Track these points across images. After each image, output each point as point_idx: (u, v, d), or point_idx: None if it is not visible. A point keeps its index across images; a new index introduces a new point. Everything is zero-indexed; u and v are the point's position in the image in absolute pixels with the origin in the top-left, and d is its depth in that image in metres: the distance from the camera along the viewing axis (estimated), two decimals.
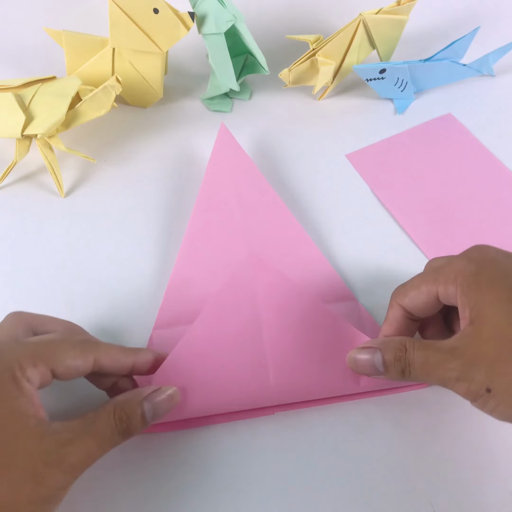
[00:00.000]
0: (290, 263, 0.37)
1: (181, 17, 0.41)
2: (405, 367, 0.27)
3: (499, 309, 0.25)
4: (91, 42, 0.45)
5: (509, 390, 0.24)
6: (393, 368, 0.28)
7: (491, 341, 0.25)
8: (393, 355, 0.28)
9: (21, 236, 0.41)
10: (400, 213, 0.41)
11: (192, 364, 0.31)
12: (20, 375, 0.24)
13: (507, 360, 0.24)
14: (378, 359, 0.28)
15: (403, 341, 0.28)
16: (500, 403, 0.24)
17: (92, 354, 0.27)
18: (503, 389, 0.24)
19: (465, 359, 0.25)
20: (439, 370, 0.26)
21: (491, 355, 0.24)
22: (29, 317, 0.30)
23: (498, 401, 0.24)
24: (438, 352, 0.26)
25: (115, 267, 0.39)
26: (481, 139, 0.46)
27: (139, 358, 0.29)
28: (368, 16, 0.45)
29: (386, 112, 0.49)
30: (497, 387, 0.24)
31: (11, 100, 0.40)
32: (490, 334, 0.25)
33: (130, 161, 0.46)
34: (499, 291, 0.25)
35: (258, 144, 0.47)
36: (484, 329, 0.25)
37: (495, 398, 0.24)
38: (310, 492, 0.29)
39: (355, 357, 0.30)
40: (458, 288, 0.27)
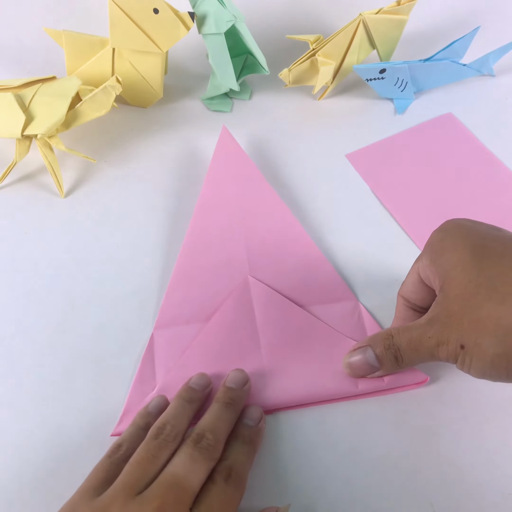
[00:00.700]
0: (291, 263, 0.37)
1: (181, 17, 0.41)
2: (396, 353, 0.28)
3: (461, 269, 0.26)
4: (91, 42, 0.45)
5: (478, 342, 0.24)
6: (386, 358, 0.28)
7: (457, 300, 0.25)
8: (382, 345, 0.28)
9: (21, 236, 0.41)
10: (401, 213, 0.41)
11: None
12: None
13: (472, 314, 0.25)
14: (371, 355, 0.29)
15: (388, 331, 0.29)
16: (473, 357, 0.25)
17: None
18: (473, 342, 0.24)
19: (439, 323, 0.26)
20: (422, 343, 0.27)
21: (458, 312, 0.25)
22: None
23: (471, 356, 0.25)
24: (418, 327, 0.27)
25: (115, 267, 0.39)
26: (481, 138, 0.46)
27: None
28: (368, 16, 0.45)
29: (386, 112, 0.49)
30: (468, 342, 0.25)
31: (11, 100, 0.40)
32: (455, 294, 0.25)
33: (130, 161, 0.46)
34: (461, 252, 0.26)
35: (258, 144, 0.47)
36: (451, 291, 0.26)
37: (468, 353, 0.25)
38: (309, 492, 0.29)
39: (349, 362, 0.31)
40: (428, 258, 0.28)
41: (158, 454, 0.26)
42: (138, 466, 0.26)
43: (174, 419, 0.28)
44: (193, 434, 0.27)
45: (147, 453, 0.26)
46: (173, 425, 0.28)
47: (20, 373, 0.34)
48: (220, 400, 0.30)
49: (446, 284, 0.26)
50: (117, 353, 0.34)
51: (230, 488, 0.26)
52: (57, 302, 0.37)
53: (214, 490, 0.25)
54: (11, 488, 0.30)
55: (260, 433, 0.30)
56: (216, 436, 0.27)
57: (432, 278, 0.28)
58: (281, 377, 0.32)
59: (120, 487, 0.25)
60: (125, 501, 0.24)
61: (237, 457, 0.27)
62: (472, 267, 0.25)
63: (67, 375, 0.34)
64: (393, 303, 0.33)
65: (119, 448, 0.27)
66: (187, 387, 0.31)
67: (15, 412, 0.32)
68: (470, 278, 0.25)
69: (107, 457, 0.27)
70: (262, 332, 0.34)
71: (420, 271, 0.29)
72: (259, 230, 0.39)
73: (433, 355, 0.27)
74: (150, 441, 0.27)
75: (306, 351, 0.33)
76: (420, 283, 0.30)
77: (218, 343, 0.34)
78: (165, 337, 0.34)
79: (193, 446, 0.26)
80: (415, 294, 0.30)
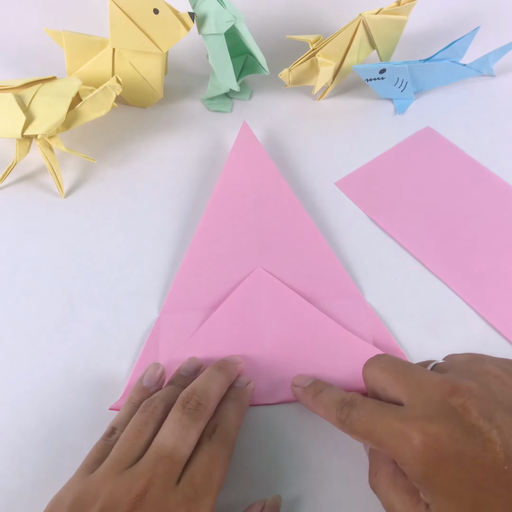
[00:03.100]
0: (301, 258, 0.38)
1: (181, 17, 0.41)
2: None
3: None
4: (91, 43, 0.45)
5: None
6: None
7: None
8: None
9: (21, 236, 0.41)
10: (396, 230, 0.40)
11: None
12: None
13: None
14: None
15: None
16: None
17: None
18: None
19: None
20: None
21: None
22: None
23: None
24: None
25: (115, 267, 0.39)
26: (481, 139, 0.46)
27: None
28: (368, 16, 0.45)
29: (386, 112, 0.49)
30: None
31: (11, 101, 0.40)
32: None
33: (130, 161, 0.46)
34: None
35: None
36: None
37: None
38: (309, 492, 0.29)
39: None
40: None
41: (144, 429, 0.26)
42: (125, 442, 0.26)
43: (164, 396, 0.28)
44: (182, 394, 0.27)
45: (134, 429, 0.26)
46: (162, 399, 0.28)
47: (20, 373, 0.34)
48: (213, 365, 0.30)
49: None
50: (117, 353, 0.35)
51: (215, 444, 0.26)
52: (57, 302, 0.37)
53: (199, 453, 0.25)
54: (11, 488, 0.30)
55: (247, 392, 0.30)
56: (207, 395, 0.27)
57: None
58: (283, 371, 0.32)
59: (110, 464, 0.25)
60: (115, 476, 0.24)
61: (222, 413, 0.28)
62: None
63: (67, 375, 0.34)
64: (393, 303, 0.33)
65: (113, 431, 0.28)
66: (177, 375, 0.31)
67: (15, 412, 0.32)
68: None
69: (101, 439, 0.28)
70: (267, 324, 0.34)
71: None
72: (271, 223, 0.39)
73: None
74: (138, 416, 0.27)
75: (310, 345, 0.33)
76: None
77: (223, 331, 0.34)
78: (171, 322, 0.35)
79: (182, 409, 0.26)
80: None
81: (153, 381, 0.31)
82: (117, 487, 0.24)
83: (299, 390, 0.30)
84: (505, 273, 0.37)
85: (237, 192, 0.41)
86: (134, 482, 0.24)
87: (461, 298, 0.36)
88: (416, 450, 0.21)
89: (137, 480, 0.24)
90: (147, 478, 0.24)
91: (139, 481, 0.24)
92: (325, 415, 0.27)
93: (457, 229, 0.40)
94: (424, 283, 0.37)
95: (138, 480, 0.24)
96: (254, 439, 0.31)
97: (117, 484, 0.24)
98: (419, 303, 0.36)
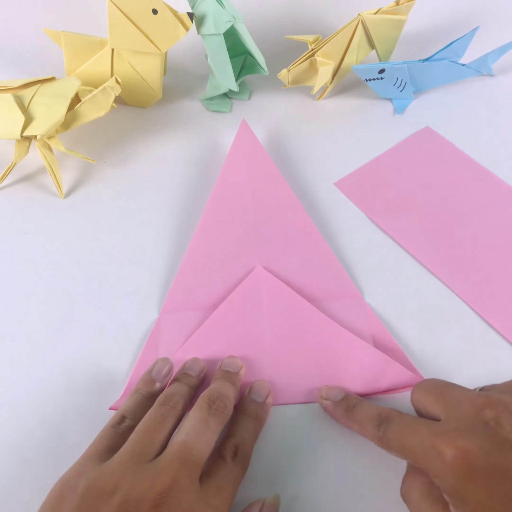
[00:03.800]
0: (300, 257, 0.38)
1: (180, 17, 0.41)
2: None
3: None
4: (90, 43, 0.45)
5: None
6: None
7: None
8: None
9: (21, 236, 0.41)
10: (396, 231, 0.40)
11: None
12: None
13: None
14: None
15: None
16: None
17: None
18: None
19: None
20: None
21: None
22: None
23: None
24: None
25: (115, 267, 0.39)
26: (480, 139, 0.46)
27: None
28: (367, 16, 0.45)
29: (385, 112, 0.49)
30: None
31: (11, 101, 0.40)
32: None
33: (130, 162, 0.46)
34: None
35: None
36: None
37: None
38: (311, 491, 0.29)
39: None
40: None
41: (165, 422, 0.26)
42: (145, 434, 0.25)
43: (184, 393, 0.28)
44: (206, 393, 0.27)
45: (154, 421, 0.26)
46: (181, 395, 0.28)
47: (20, 373, 0.34)
48: (220, 375, 0.30)
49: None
50: (117, 353, 0.35)
51: (237, 467, 0.26)
52: (57, 302, 0.37)
53: (223, 468, 0.26)
54: (11, 488, 0.30)
55: (267, 409, 0.30)
56: (230, 400, 0.27)
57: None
58: (282, 372, 0.32)
59: (129, 455, 0.24)
60: (136, 468, 0.24)
61: (244, 435, 0.28)
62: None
63: (67, 375, 0.34)
64: (392, 303, 0.33)
65: (123, 419, 0.28)
66: (183, 373, 0.31)
67: (15, 412, 0.32)
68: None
69: (110, 426, 0.27)
70: (267, 324, 0.34)
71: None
72: (271, 223, 0.39)
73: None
74: (158, 409, 0.27)
75: (310, 345, 0.33)
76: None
77: (223, 331, 0.34)
78: (171, 322, 0.35)
79: (208, 408, 0.26)
80: None
81: (161, 375, 0.31)
82: (139, 480, 0.23)
83: (330, 404, 0.30)
84: (505, 273, 0.37)
85: (236, 191, 0.41)
86: (158, 478, 0.23)
87: (460, 298, 0.36)
88: (447, 462, 0.22)
89: (160, 476, 0.23)
90: (171, 476, 0.23)
91: (163, 478, 0.23)
92: (361, 431, 0.28)
93: (457, 229, 0.40)
94: (424, 283, 0.37)
95: (161, 476, 0.23)
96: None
97: (138, 477, 0.23)
98: (419, 303, 0.36)
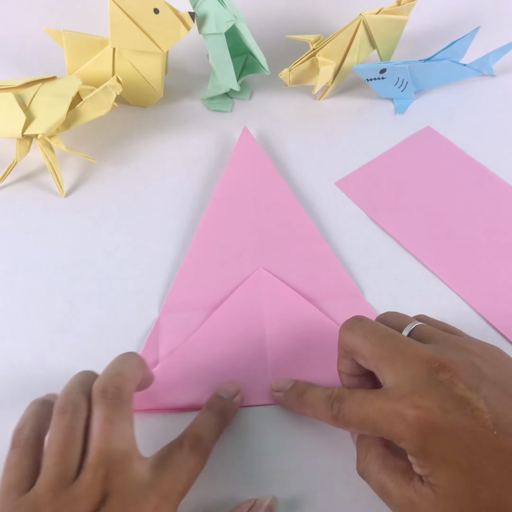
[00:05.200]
0: (301, 258, 0.38)
1: (181, 17, 0.41)
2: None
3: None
4: (92, 42, 0.45)
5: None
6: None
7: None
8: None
9: (22, 235, 0.41)
10: (396, 230, 0.40)
11: (197, 360, 0.33)
12: None
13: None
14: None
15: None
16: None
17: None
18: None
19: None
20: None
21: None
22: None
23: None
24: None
25: (115, 267, 0.39)
26: (480, 139, 0.46)
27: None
28: (368, 16, 0.45)
29: (386, 112, 0.49)
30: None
31: (12, 100, 0.40)
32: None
33: (131, 161, 0.46)
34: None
35: (258, 144, 0.46)
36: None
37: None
38: (309, 491, 0.29)
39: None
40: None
41: (74, 434, 0.24)
42: (59, 457, 0.23)
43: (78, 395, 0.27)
44: (95, 389, 0.26)
45: (64, 437, 0.24)
46: (78, 394, 0.26)
47: (20, 373, 0.34)
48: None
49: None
50: (117, 353, 0.34)
51: (195, 458, 0.26)
52: (57, 302, 0.37)
53: (179, 457, 0.25)
54: None
55: (233, 407, 0.30)
56: (122, 384, 0.26)
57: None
58: (283, 372, 0.32)
59: (49, 485, 0.23)
60: (61, 492, 0.22)
61: (206, 427, 0.28)
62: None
63: (67, 375, 0.34)
64: (393, 303, 0.33)
65: (21, 432, 0.26)
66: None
67: (15, 412, 0.32)
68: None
69: (12, 449, 0.25)
70: (268, 324, 0.34)
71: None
72: (272, 225, 0.40)
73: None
74: (60, 420, 0.25)
75: (310, 345, 0.33)
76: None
77: (223, 331, 0.34)
78: (172, 321, 0.35)
79: (105, 403, 0.25)
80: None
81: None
82: (73, 503, 0.22)
83: (281, 395, 0.30)
84: (505, 273, 0.37)
85: (238, 194, 0.41)
86: (88, 494, 0.22)
87: (461, 297, 0.36)
88: (411, 424, 0.22)
89: (90, 491, 0.22)
90: (99, 488, 0.22)
91: (94, 492, 0.22)
92: (315, 414, 0.27)
93: (457, 229, 0.40)
94: (424, 283, 0.37)
95: (92, 491, 0.22)
96: (252, 439, 0.31)
97: (65, 503, 0.22)
98: (419, 303, 0.36)
